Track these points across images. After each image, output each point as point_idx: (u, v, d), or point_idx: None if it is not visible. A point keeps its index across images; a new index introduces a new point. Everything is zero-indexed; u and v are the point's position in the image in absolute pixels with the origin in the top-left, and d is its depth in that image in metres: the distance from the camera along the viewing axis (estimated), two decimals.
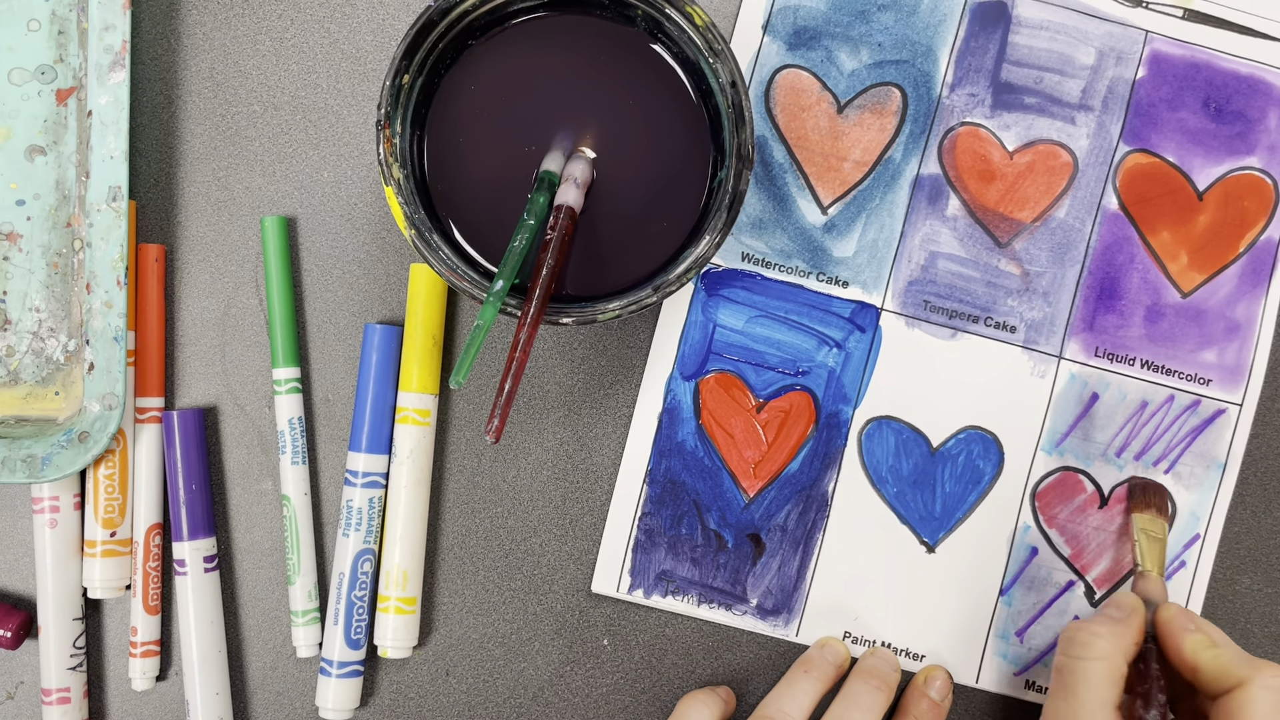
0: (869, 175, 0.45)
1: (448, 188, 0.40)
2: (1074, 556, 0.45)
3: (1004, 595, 0.45)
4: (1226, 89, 0.46)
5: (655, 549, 0.45)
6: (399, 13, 0.45)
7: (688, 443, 0.45)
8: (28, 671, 0.45)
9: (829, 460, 0.45)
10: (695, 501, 0.45)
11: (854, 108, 0.45)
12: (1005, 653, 0.45)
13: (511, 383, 0.35)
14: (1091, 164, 0.45)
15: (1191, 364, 0.45)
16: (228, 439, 0.45)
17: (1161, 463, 0.45)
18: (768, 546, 0.45)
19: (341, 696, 0.43)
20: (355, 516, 0.43)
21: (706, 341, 0.45)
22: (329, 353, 0.45)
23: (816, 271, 0.45)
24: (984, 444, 0.45)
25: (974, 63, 0.45)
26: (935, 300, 0.45)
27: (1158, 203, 0.45)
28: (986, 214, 0.45)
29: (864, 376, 0.45)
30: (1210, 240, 0.45)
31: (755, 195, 0.45)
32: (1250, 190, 0.46)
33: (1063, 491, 0.45)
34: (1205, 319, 0.45)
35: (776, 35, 0.45)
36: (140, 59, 0.45)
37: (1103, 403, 0.45)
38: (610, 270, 0.40)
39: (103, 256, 0.41)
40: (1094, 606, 0.45)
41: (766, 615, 0.45)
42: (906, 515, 0.45)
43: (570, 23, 0.40)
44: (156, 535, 0.44)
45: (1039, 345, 0.45)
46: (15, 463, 0.41)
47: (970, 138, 0.45)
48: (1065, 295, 0.45)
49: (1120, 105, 0.45)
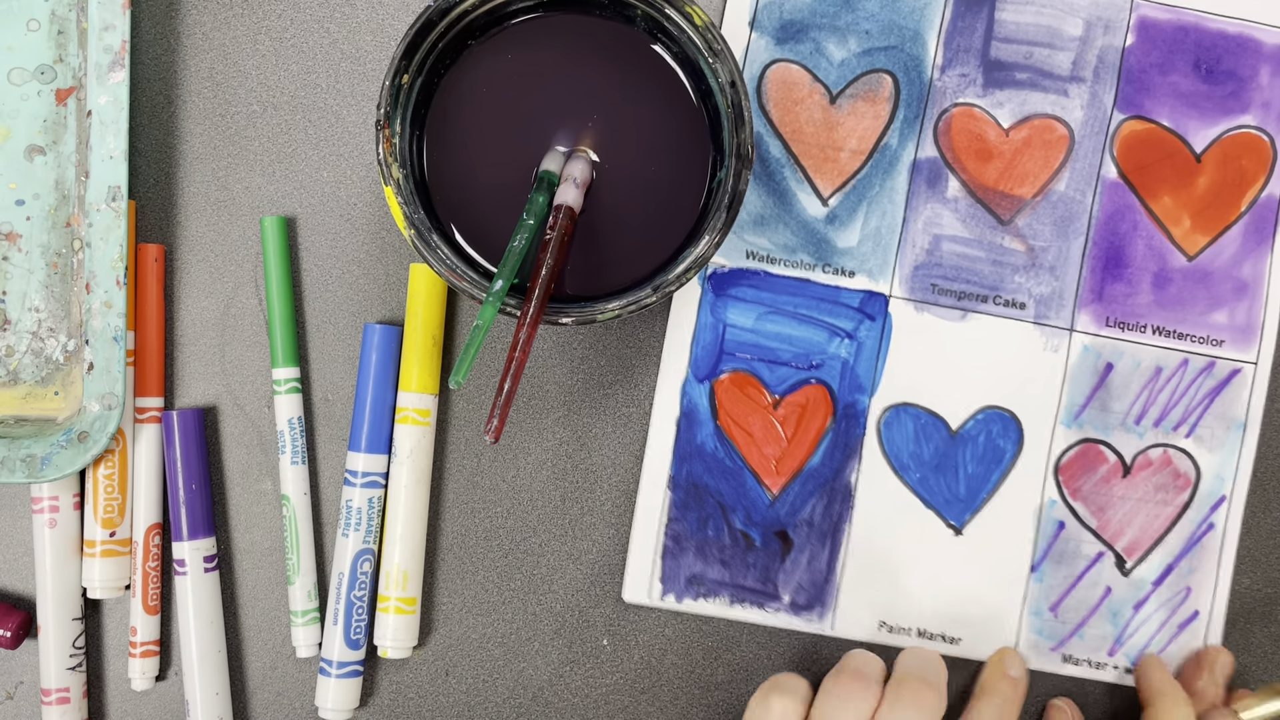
0: (867, 163, 0.45)
1: (447, 188, 0.40)
2: (1101, 527, 0.45)
3: (1035, 572, 0.45)
4: (1216, 49, 0.46)
5: (684, 554, 0.45)
6: (399, 13, 0.45)
7: (707, 445, 0.45)
8: (27, 671, 0.45)
9: (849, 451, 0.45)
10: (720, 503, 0.45)
11: (846, 97, 0.45)
12: (1040, 629, 0.45)
13: (511, 383, 0.35)
14: (1087, 135, 0.45)
15: (1203, 326, 0.45)
16: (227, 439, 0.45)
17: (1181, 427, 0.45)
18: (795, 542, 0.45)
19: (341, 696, 0.43)
20: (355, 516, 0.43)
21: (718, 342, 0.45)
22: (329, 353, 0.45)
23: (822, 264, 0.45)
24: (1003, 422, 0.45)
25: (962, 43, 0.45)
26: (943, 283, 0.45)
27: (1156, 168, 0.45)
28: (987, 193, 0.45)
29: (878, 365, 0.45)
30: (1211, 202, 0.46)
31: (755, 192, 0.45)
32: (1247, 148, 0.46)
33: (1085, 463, 0.45)
34: (1213, 280, 0.46)
35: (763, 31, 0.45)
36: (140, 59, 0.45)
37: (1117, 372, 0.45)
38: (610, 270, 0.40)
39: (102, 256, 0.41)
40: (1125, 576, 0.45)
41: (800, 611, 0.45)
42: (931, 500, 0.45)
43: (570, 23, 0.40)
44: (156, 535, 0.44)
45: (1050, 320, 0.45)
46: (15, 463, 0.41)
47: (965, 118, 0.45)
48: (1072, 268, 0.45)
49: (1111, 74, 0.45)
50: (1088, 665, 0.45)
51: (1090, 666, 0.45)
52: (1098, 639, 0.45)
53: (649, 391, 0.45)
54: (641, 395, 0.45)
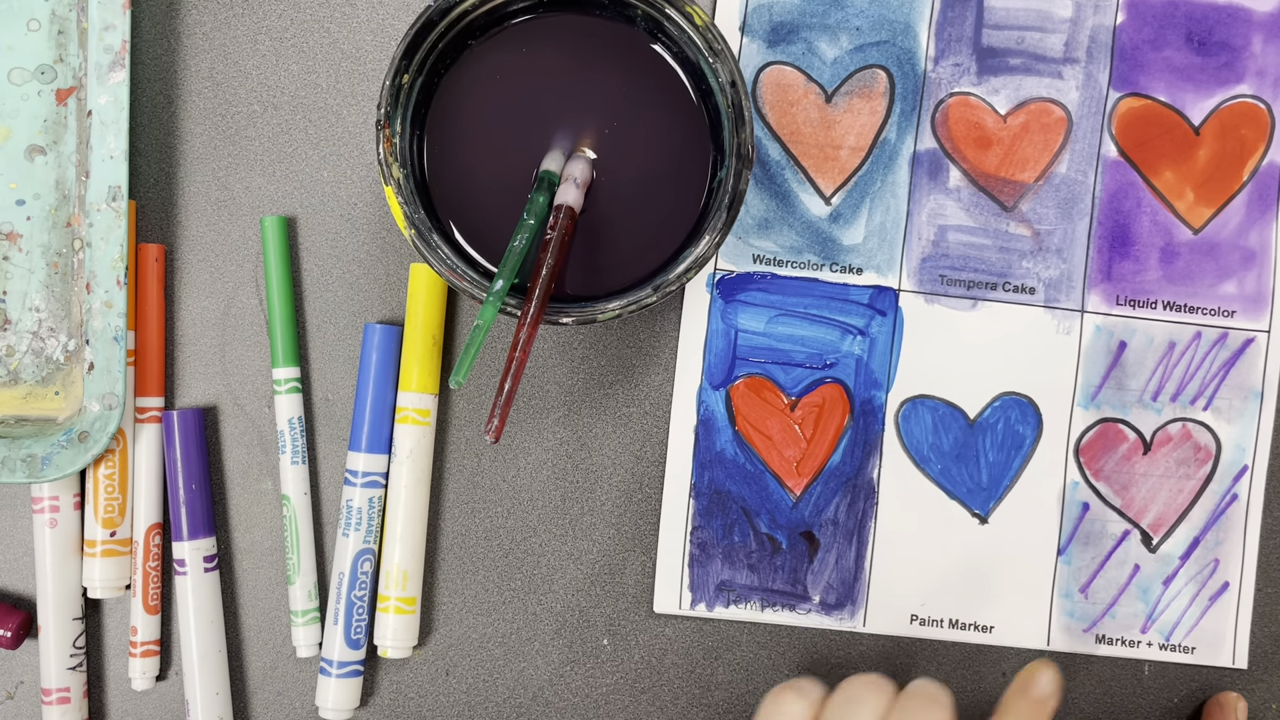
0: (867, 159, 0.45)
1: (447, 187, 0.40)
2: (1125, 506, 0.46)
3: (1062, 555, 0.45)
4: (1207, 21, 0.46)
5: (711, 561, 0.45)
6: (399, 13, 0.45)
7: (727, 451, 0.45)
8: (27, 671, 0.45)
9: (869, 447, 0.45)
10: (743, 508, 0.45)
11: (842, 95, 0.45)
12: (1072, 611, 0.45)
13: (511, 382, 0.35)
14: (1085, 115, 0.46)
15: (1213, 298, 0.46)
16: (227, 439, 0.45)
17: (1199, 400, 0.46)
18: (822, 542, 0.45)
19: (341, 696, 0.43)
20: (355, 516, 0.43)
21: (730, 348, 0.45)
22: (329, 352, 0.45)
23: (829, 262, 0.45)
24: (1020, 408, 0.45)
25: (954, 32, 0.45)
26: (951, 273, 0.45)
27: (1156, 144, 0.46)
28: (988, 180, 0.45)
29: (892, 359, 0.45)
30: (1213, 173, 0.46)
31: (757, 195, 0.45)
32: (1245, 118, 0.46)
33: (1105, 443, 0.46)
34: (1220, 252, 0.46)
35: (754, 34, 0.45)
36: (140, 59, 0.45)
37: (1131, 350, 0.45)
38: (610, 270, 0.40)
39: (102, 256, 0.41)
40: (1152, 552, 0.45)
41: (831, 610, 0.45)
42: (954, 490, 0.45)
43: (570, 23, 0.40)
44: (156, 535, 0.44)
45: (1060, 302, 0.45)
46: (15, 462, 0.41)
47: (961, 107, 0.45)
48: (1079, 249, 0.45)
49: (1105, 53, 0.45)
50: (1121, 644, 0.46)
51: (1124, 645, 0.45)
52: (1129, 617, 0.46)
53: (649, 391, 0.45)
54: (642, 395, 0.45)
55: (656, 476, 0.45)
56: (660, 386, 0.45)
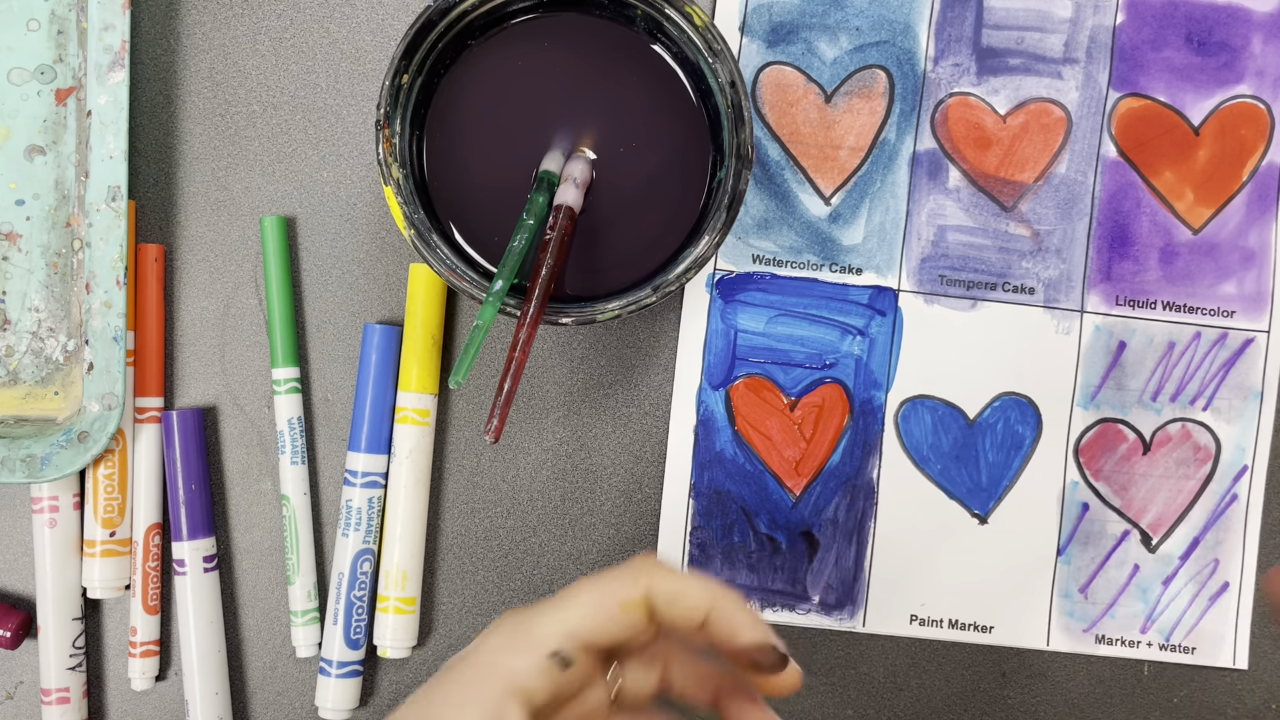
0: (866, 160, 0.45)
1: (447, 188, 0.40)
2: (1125, 506, 0.46)
3: (1062, 555, 0.45)
4: (1207, 21, 0.46)
5: (710, 561, 0.45)
6: (398, 13, 0.45)
7: (726, 451, 0.45)
8: (27, 671, 0.45)
9: (869, 448, 0.45)
10: (743, 508, 0.45)
11: (841, 95, 0.45)
12: (1071, 611, 0.45)
13: (511, 383, 0.35)
14: (1085, 116, 0.46)
15: (1212, 298, 0.46)
16: (227, 439, 0.45)
17: (1198, 400, 0.46)
18: (821, 542, 0.45)
19: (341, 696, 0.43)
20: (355, 516, 0.43)
21: (730, 348, 0.45)
22: (328, 353, 0.45)
23: (829, 263, 0.45)
24: (1020, 408, 0.45)
25: (953, 32, 0.45)
26: (950, 274, 0.45)
27: (1156, 144, 0.46)
28: (988, 180, 0.45)
29: (891, 359, 0.45)
30: (1213, 174, 0.46)
31: (756, 195, 0.45)
32: (1245, 118, 0.46)
33: (1105, 443, 0.46)
34: (1219, 252, 0.46)
35: (754, 35, 0.45)
36: (140, 59, 0.45)
37: (1131, 350, 0.46)
38: (610, 270, 0.40)
39: (102, 256, 0.41)
40: (1152, 552, 0.45)
41: (831, 610, 0.45)
42: (954, 490, 0.45)
43: (570, 23, 0.40)
44: (156, 535, 0.44)
45: (1059, 302, 0.45)
46: (15, 463, 0.41)
47: (961, 107, 0.45)
48: (1078, 249, 0.45)
49: (1104, 53, 0.46)
50: (1121, 644, 0.46)
51: (1124, 645, 0.46)
52: (1129, 617, 0.46)
53: (649, 392, 0.45)
54: (641, 395, 0.45)
55: (656, 476, 0.45)
56: (660, 386, 0.45)
